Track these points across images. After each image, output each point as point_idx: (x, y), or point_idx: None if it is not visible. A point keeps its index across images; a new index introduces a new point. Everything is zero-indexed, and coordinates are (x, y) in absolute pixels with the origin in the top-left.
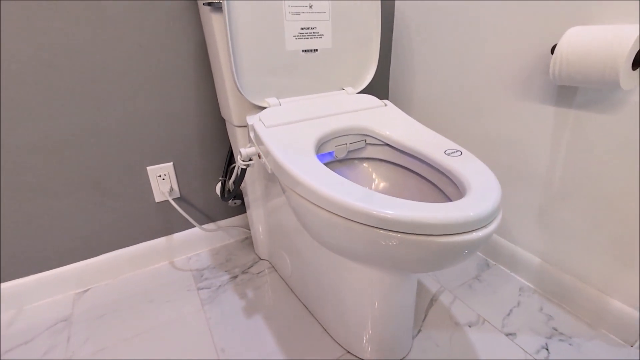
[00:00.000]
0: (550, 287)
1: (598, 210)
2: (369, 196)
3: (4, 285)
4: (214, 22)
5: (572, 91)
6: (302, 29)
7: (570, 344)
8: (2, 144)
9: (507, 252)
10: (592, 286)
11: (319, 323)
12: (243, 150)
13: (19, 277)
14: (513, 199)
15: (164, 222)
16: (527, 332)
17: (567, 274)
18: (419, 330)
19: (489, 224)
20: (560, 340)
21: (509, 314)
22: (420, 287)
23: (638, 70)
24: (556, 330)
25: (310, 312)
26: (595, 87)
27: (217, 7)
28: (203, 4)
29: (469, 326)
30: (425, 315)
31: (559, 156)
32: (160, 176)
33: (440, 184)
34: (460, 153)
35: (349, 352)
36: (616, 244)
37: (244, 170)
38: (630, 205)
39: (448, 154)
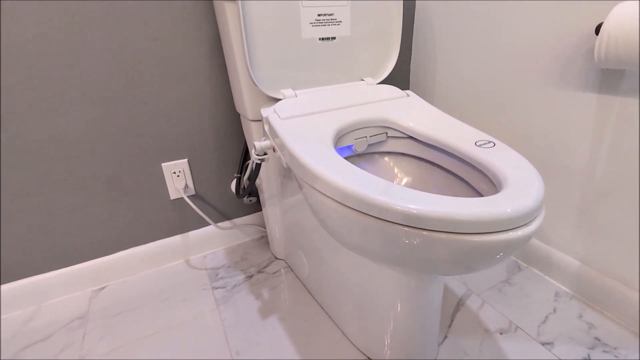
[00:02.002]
0: (591, 293)
1: None
2: (392, 190)
3: (23, 281)
4: (227, 11)
5: (617, 75)
6: (319, 15)
7: (615, 356)
8: (19, 140)
9: (541, 254)
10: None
11: (337, 326)
12: (257, 144)
13: (38, 274)
14: (548, 196)
15: (179, 219)
16: (566, 341)
17: (610, 278)
18: (445, 337)
19: (529, 222)
20: (605, 351)
21: (544, 321)
22: (446, 290)
23: None
24: (599, 340)
25: (328, 314)
26: None
27: None
28: None
29: (500, 333)
30: (452, 321)
31: (601, 148)
32: (175, 173)
33: (471, 180)
34: (493, 144)
35: (368, 357)
36: None
37: (258, 165)
38: None
39: (479, 146)
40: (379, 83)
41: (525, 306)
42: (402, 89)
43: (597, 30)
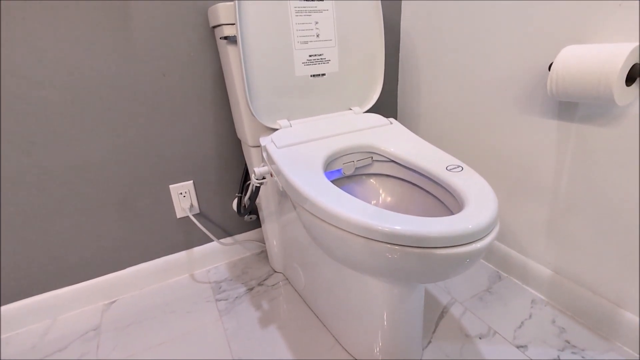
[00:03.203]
0: (563, 300)
1: (605, 221)
2: (372, 212)
3: (39, 297)
4: (229, 53)
5: (573, 106)
6: (310, 56)
7: (582, 357)
8: (39, 165)
9: (519, 264)
10: (605, 298)
11: (331, 333)
12: (257, 170)
13: (53, 289)
14: (523, 211)
15: (184, 236)
16: (539, 344)
17: (579, 286)
18: (429, 342)
19: (486, 235)
20: (573, 352)
21: (520, 326)
22: (431, 299)
23: (634, 85)
24: (569, 342)
25: (322, 322)
26: (592, 102)
27: (233, 41)
28: (220, 38)
29: (480, 338)
30: (436, 327)
31: (564, 169)
32: (181, 194)
33: (443, 198)
34: (461, 168)
35: None
36: (626, 255)
37: (258, 188)
38: (636, 216)
39: (449, 170)
40: (366, 111)
41: (503, 313)
42: (391, 116)
43: (550, 67)
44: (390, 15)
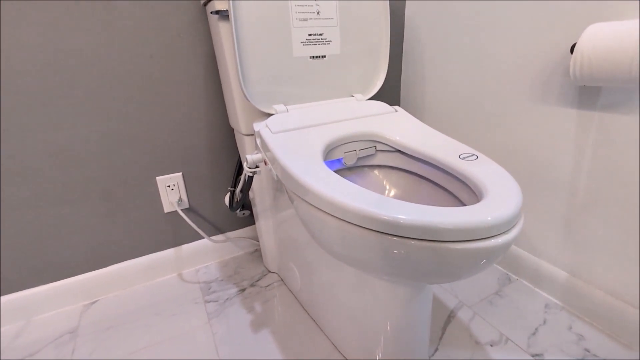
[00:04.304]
0: (580, 304)
1: (629, 219)
2: (379, 201)
3: (13, 296)
4: (221, 31)
5: (595, 92)
6: (309, 35)
7: None
8: (18, 154)
9: (530, 266)
10: (627, 303)
11: (329, 339)
12: (249, 157)
13: (28, 288)
14: (535, 209)
15: (172, 233)
16: (556, 353)
17: (598, 290)
18: (436, 349)
19: (509, 230)
20: None
21: (534, 333)
22: (437, 303)
23: None
24: (588, 351)
25: (319, 327)
26: (621, 85)
27: (225, 16)
28: (211, 12)
29: (491, 345)
30: (443, 333)
31: (583, 162)
32: (169, 186)
33: (455, 191)
34: (475, 157)
35: None
36: None
37: (250, 178)
38: None
39: (463, 158)
40: (369, 99)
41: (515, 318)
42: (393, 105)
43: (572, 49)
44: (393, 0)
